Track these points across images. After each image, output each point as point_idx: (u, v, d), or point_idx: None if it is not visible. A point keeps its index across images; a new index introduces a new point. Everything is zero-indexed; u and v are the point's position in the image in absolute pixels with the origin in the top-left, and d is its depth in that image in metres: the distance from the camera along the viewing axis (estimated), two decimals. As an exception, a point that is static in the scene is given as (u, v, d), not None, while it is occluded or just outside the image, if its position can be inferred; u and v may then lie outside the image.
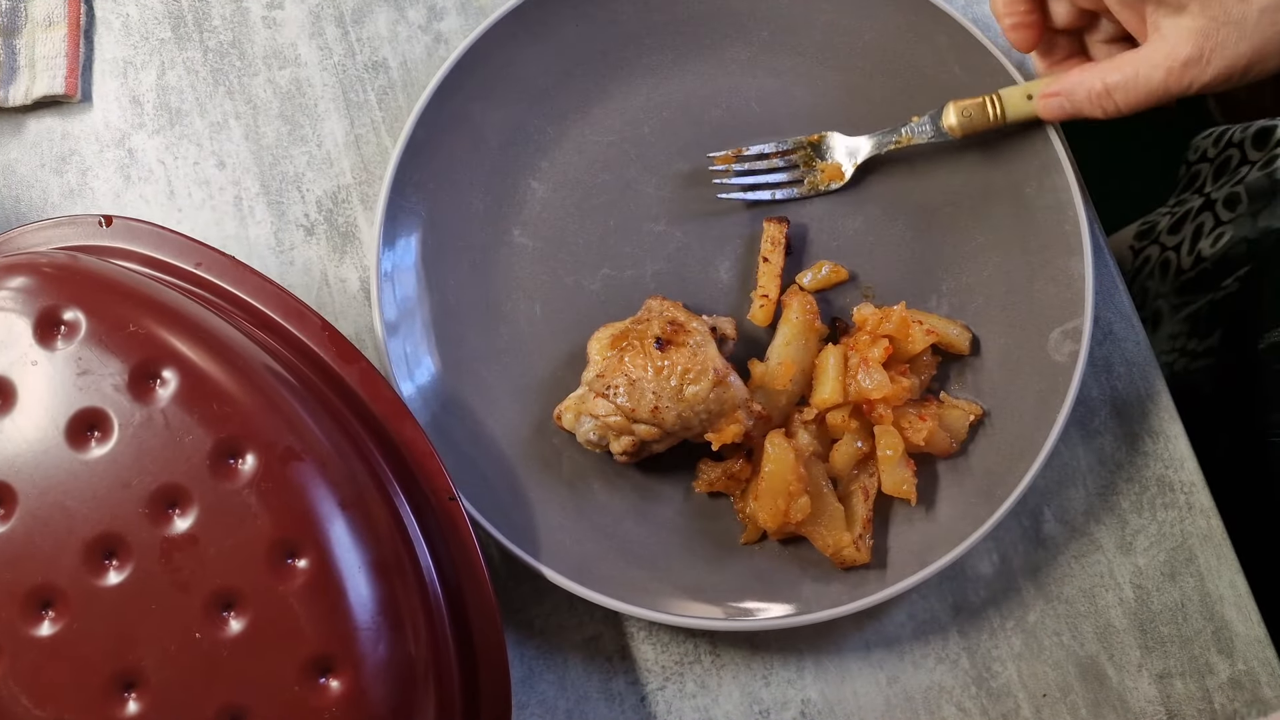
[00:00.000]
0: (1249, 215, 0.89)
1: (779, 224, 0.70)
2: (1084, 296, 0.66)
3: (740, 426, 0.64)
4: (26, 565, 0.53)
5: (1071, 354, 0.66)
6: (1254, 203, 0.89)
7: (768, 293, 0.69)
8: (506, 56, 0.71)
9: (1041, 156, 0.68)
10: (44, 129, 0.74)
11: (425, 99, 0.69)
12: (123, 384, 0.55)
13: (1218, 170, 0.95)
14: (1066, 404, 0.65)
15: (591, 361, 0.66)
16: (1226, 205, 0.90)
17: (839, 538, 0.64)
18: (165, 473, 0.54)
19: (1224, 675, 0.68)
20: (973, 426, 0.67)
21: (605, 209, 0.72)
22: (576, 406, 0.65)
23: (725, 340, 0.66)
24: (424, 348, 0.69)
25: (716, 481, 0.66)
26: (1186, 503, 0.70)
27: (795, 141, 0.71)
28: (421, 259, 0.69)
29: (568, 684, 0.68)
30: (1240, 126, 0.95)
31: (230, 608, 0.53)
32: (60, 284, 0.57)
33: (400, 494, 0.60)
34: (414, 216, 0.69)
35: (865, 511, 0.65)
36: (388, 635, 0.55)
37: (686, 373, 0.63)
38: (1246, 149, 0.92)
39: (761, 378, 0.67)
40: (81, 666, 0.53)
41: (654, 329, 0.64)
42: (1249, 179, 0.89)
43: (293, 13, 0.75)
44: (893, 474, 0.65)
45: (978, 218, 0.70)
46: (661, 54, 0.73)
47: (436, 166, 0.70)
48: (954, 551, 0.64)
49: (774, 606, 0.65)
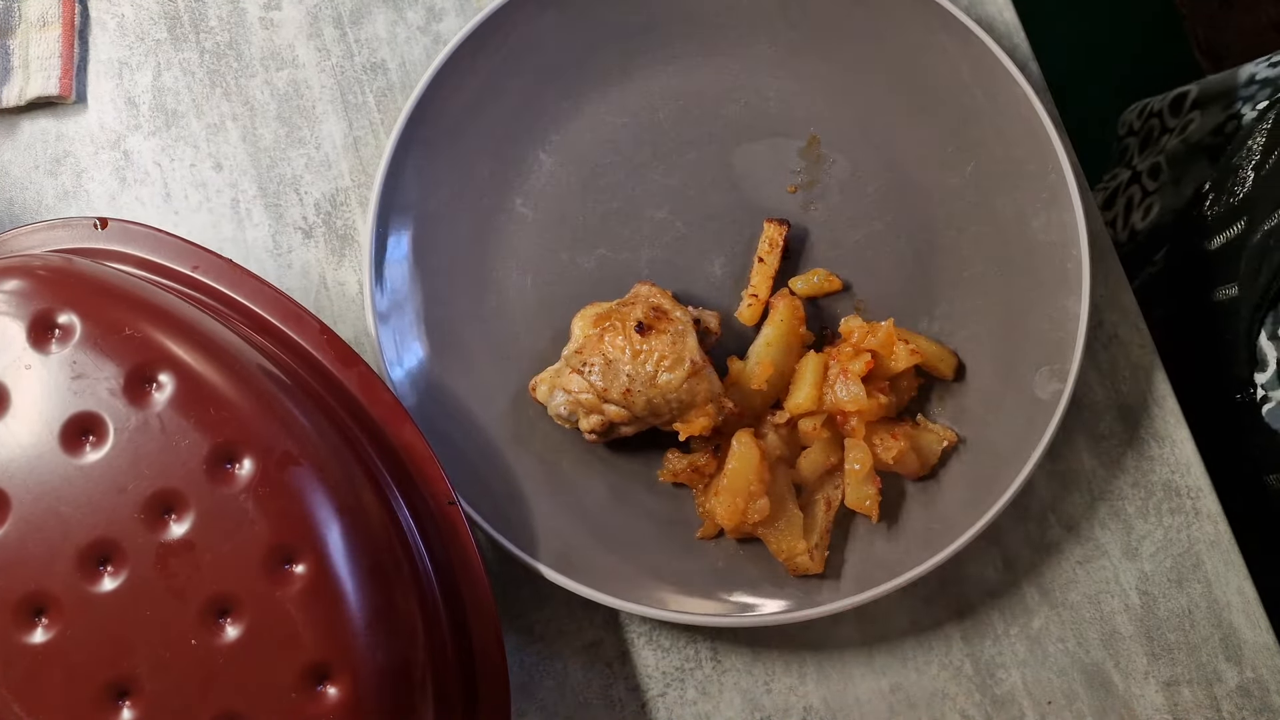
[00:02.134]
0: (1171, 183, 0.89)
1: (779, 226, 0.69)
2: (1075, 338, 0.66)
3: (709, 420, 0.64)
4: (19, 572, 0.53)
5: (1055, 393, 0.65)
6: (1173, 169, 0.89)
7: (758, 292, 0.69)
8: (531, 24, 0.70)
9: (1052, 190, 0.68)
10: (38, 130, 0.74)
11: (446, 53, 0.68)
12: (118, 388, 0.54)
13: (1143, 142, 0.95)
14: (1043, 443, 0.64)
15: (573, 338, 0.66)
16: (1150, 175, 0.91)
17: (794, 544, 0.64)
18: (161, 478, 0.53)
19: (1232, 683, 0.67)
20: (946, 452, 0.67)
21: (609, 190, 0.71)
22: (552, 380, 0.66)
23: (708, 334, 0.66)
24: (408, 300, 0.68)
25: (681, 473, 0.66)
26: (1193, 508, 0.69)
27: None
28: (420, 216, 0.69)
29: (567, 690, 0.67)
30: (1160, 97, 0.95)
31: (226, 614, 0.53)
32: (55, 287, 0.56)
33: (399, 498, 0.60)
34: (418, 172, 0.69)
35: (825, 522, 0.65)
36: (386, 642, 0.55)
37: (663, 360, 0.63)
38: (1165, 117, 0.93)
39: (738, 375, 0.67)
40: (75, 674, 0.52)
41: (637, 313, 0.64)
42: (1168, 146, 0.90)
43: (290, 14, 0.75)
44: (857, 489, 0.65)
45: (980, 245, 0.70)
46: (688, 42, 0.72)
47: (446, 124, 0.70)
48: (909, 574, 0.63)
49: (719, 604, 0.65)
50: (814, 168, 0.71)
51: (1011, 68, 0.68)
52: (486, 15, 0.69)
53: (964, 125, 0.70)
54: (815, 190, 0.71)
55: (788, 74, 0.72)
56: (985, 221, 0.70)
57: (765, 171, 0.71)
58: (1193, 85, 0.93)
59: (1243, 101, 0.87)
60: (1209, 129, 0.88)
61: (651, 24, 0.72)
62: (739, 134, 0.72)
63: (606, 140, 0.72)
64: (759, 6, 0.72)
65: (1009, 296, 0.68)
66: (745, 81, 0.72)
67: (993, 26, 0.74)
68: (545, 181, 0.72)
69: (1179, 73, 1.65)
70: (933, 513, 0.66)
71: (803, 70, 0.72)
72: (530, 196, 0.71)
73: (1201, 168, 0.88)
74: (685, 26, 0.72)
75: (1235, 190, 0.73)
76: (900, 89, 0.71)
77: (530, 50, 0.71)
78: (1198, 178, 0.88)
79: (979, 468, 0.66)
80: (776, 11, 0.72)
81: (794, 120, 0.72)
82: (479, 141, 0.71)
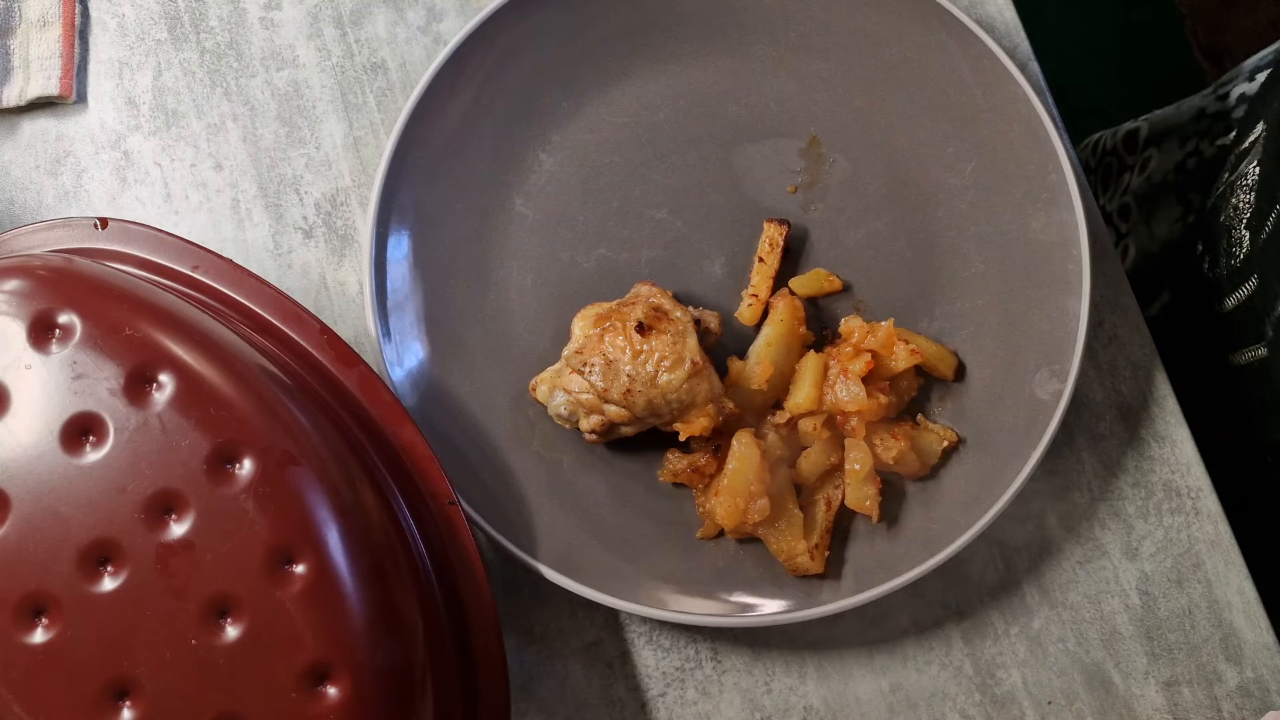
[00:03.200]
0: (1142, 223, 0.88)
1: (779, 226, 0.69)
2: (1076, 338, 0.66)
3: (710, 420, 0.64)
4: (19, 572, 0.53)
5: (1055, 393, 0.65)
6: (1142, 209, 0.88)
7: (758, 293, 0.69)
8: (532, 24, 0.70)
9: (1052, 190, 0.68)
10: (38, 130, 0.74)
11: (447, 53, 0.68)
12: (118, 388, 0.54)
13: (1103, 181, 0.94)
14: (1043, 443, 0.64)
15: (573, 338, 0.66)
16: (1121, 216, 0.90)
17: (794, 544, 0.64)
18: (161, 478, 0.53)
19: (1232, 683, 0.67)
20: (946, 452, 0.67)
21: (609, 190, 0.71)
22: (552, 380, 0.65)
23: (708, 334, 0.66)
24: (408, 300, 0.68)
25: (681, 473, 0.66)
26: (1193, 508, 0.69)
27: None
28: (420, 216, 0.69)
29: (568, 690, 0.67)
30: (1110, 131, 0.94)
31: (227, 614, 0.53)
32: (55, 287, 0.56)
33: (399, 499, 0.60)
34: (418, 172, 0.69)
35: (825, 522, 0.65)
36: (386, 642, 0.55)
37: (663, 360, 0.63)
38: (1121, 154, 0.92)
39: (738, 376, 0.67)
40: (75, 674, 0.52)
41: (638, 313, 0.64)
42: (1133, 186, 0.89)
43: (290, 14, 0.75)
44: (858, 489, 0.65)
45: (981, 245, 0.69)
46: (688, 42, 0.72)
47: (447, 124, 0.70)
48: (909, 574, 0.63)
49: (719, 604, 0.65)
50: (814, 168, 0.71)
51: (1011, 68, 0.68)
52: (487, 15, 0.69)
53: (964, 125, 0.70)
54: (815, 190, 0.71)
55: (788, 74, 0.72)
56: (985, 221, 0.70)
57: (765, 171, 0.71)
58: (1142, 122, 0.92)
59: (1199, 137, 0.86)
60: (1170, 167, 0.87)
61: (651, 24, 0.72)
62: (739, 134, 0.72)
63: (607, 140, 0.72)
64: (759, 6, 0.72)
65: (1009, 296, 0.68)
66: (745, 81, 0.72)
67: (993, 26, 0.74)
68: (545, 181, 0.72)
69: (1179, 73, 1.65)
70: (933, 513, 0.66)
71: (803, 70, 0.72)
72: (530, 196, 0.71)
73: (1170, 206, 0.87)
74: (685, 26, 0.72)
75: (1234, 251, 0.72)
76: (901, 89, 0.71)
77: (530, 50, 0.71)
78: (1168, 216, 0.87)
79: (979, 468, 0.66)
80: (776, 11, 0.72)
81: (794, 120, 0.72)
82: (479, 141, 0.71)
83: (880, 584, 0.64)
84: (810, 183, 0.71)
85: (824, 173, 0.71)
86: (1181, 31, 1.65)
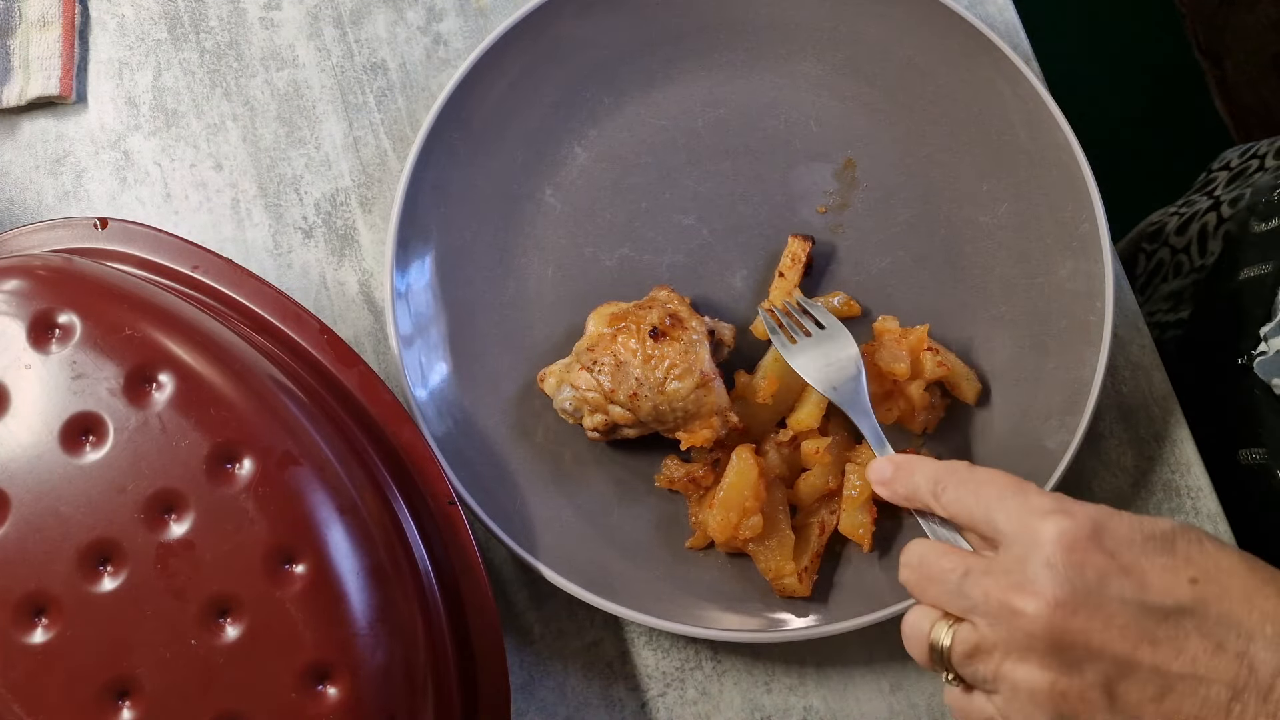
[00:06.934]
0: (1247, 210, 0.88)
1: (804, 242, 0.69)
2: (1090, 391, 0.65)
3: (712, 432, 0.64)
4: (19, 571, 0.53)
5: (1062, 444, 0.65)
6: (1255, 198, 0.88)
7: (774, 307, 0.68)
8: (581, 18, 0.71)
9: (1083, 241, 0.67)
10: (38, 130, 0.74)
11: (496, 34, 0.69)
12: (118, 388, 0.54)
13: (1234, 177, 0.94)
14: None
15: (586, 334, 0.66)
16: (1231, 205, 0.90)
17: (782, 565, 0.64)
18: (161, 478, 0.53)
19: (1232, 682, 0.67)
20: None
21: (639, 190, 0.71)
22: (561, 374, 0.66)
23: (721, 346, 0.66)
24: (427, 273, 0.69)
25: (677, 481, 0.66)
26: (1193, 508, 0.69)
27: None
28: (448, 194, 0.69)
29: (567, 690, 0.67)
30: (1269, 140, 0.94)
31: (226, 614, 0.53)
32: (55, 287, 0.56)
33: (399, 498, 0.60)
34: (451, 151, 0.69)
35: (817, 545, 0.65)
36: (386, 642, 0.55)
37: (673, 367, 0.63)
38: (1267, 160, 0.92)
39: (744, 389, 0.67)
40: (75, 674, 0.52)
41: (653, 317, 0.64)
42: (1257, 180, 0.89)
43: (290, 14, 0.75)
44: (852, 515, 0.64)
45: (1005, 288, 0.69)
46: (734, 53, 0.72)
47: (486, 106, 0.70)
48: (895, 606, 0.63)
49: (703, 615, 0.64)
50: (847, 190, 0.71)
51: (1058, 115, 0.68)
52: (538, 3, 0.69)
53: (1003, 165, 0.70)
54: (845, 213, 0.71)
55: (831, 94, 0.72)
56: (1013, 263, 0.69)
57: (797, 189, 0.71)
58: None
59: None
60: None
61: (701, 29, 0.72)
62: (775, 149, 0.72)
63: (643, 141, 0.72)
64: (811, 23, 0.72)
65: (1028, 344, 0.68)
66: (788, 97, 0.72)
67: (993, 26, 0.74)
68: (577, 175, 0.72)
69: (1179, 73, 1.65)
70: None
71: (846, 91, 0.72)
72: (560, 188, 0.71)
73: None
74: (735, 36, 0.72)
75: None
76: (943, 121, 0.71)
77: (578, 43, 0.71)
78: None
79: None
80: (827, 30, 0.72)
81: (832, 141, 0.71)
82: (516, 127, 0.71)
83: (863, 614, 0.63)
84: (841, 205, 0.71)
85: (856, 196, 0.71)
86: (1181, 31, 1.65)
